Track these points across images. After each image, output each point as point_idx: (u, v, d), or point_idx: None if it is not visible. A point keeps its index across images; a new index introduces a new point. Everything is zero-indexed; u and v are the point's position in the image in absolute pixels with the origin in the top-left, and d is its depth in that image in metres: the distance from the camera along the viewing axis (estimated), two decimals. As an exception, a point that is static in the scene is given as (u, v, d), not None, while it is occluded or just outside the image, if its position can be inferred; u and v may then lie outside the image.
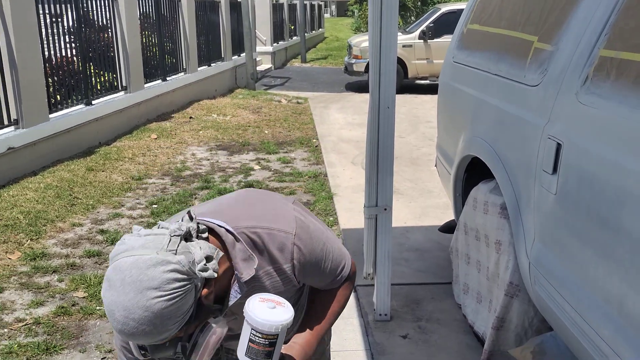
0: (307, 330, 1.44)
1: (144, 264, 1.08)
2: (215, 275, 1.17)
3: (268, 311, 1.18)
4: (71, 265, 3.61)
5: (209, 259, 1.17)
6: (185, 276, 1.10)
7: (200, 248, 1.17)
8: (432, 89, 10.17)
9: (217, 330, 1.21)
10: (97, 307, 3.12)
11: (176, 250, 1.11)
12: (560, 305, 1.87)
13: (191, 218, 1.20)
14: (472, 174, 2.96)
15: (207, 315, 1.21)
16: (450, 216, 3.66)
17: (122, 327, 1.08)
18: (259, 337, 1.17)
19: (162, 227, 1.17)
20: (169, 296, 1.07)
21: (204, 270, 1.14)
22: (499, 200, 2.50)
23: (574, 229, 1.79)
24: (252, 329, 1.18)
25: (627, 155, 1.55)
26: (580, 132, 1.80)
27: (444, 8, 11.19)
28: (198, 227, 1.21)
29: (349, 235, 4.09)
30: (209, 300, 1.19)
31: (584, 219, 1.73)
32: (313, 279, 1.42)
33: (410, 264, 3.67)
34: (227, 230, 1.26)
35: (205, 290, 1.17)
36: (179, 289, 1.09)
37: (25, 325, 2.95)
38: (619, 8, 1.77)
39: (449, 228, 3.47)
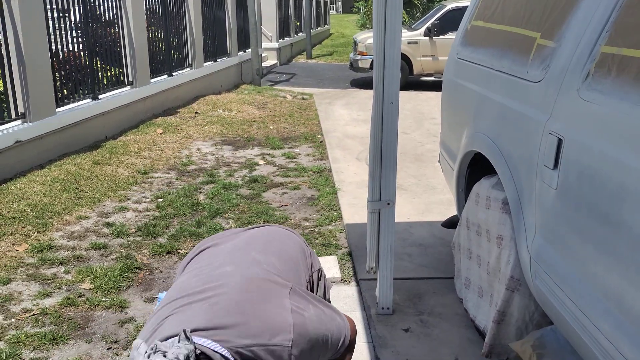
0: None
1: None
2: None
3: None
4: (77, 257, 3.65)
5: None
6: None
7: None
8: (437, 86, 10.16)
9: None
10: (103, 299, 3.16)
11: None
12: (560, 300, 1.89)
13: (187, 338, 1.22)
14: (475, 169, 2.98)
15: None
16: (454, 212, 3.68)
17: None
18: None
19: (158, 352, 1.18)
20: None
21: None
22: (501, 196, 2.52)
23: (574, 224, 1.81)
24: None
25: (627, 152, 1.57)
26: (581, 128, 1.82)
27: (450, 5, 11.17)
28: (195, 347, 1.23)
29: (353, 230, 4.11)
30: None
31: (584, 214, 1.74)
32: None
33: (412, 259, 3.69)
34: (223, 355, 1.28)
35: None
36: None
37: (32, 315, 2.99)
38: (620, 5, 1.79)
39: (451, 223, 3.48)
